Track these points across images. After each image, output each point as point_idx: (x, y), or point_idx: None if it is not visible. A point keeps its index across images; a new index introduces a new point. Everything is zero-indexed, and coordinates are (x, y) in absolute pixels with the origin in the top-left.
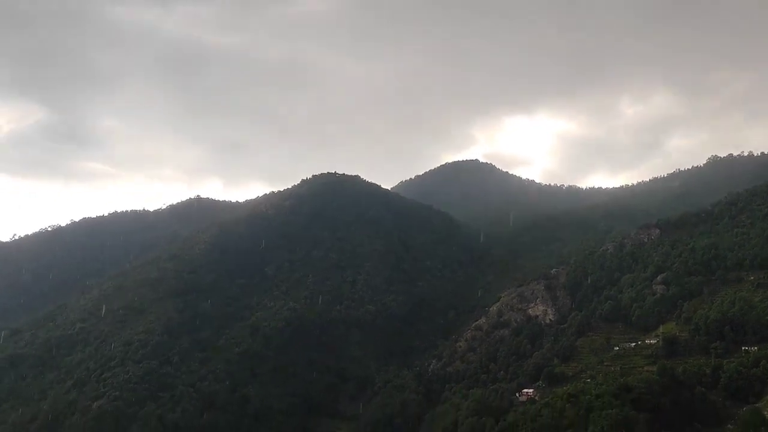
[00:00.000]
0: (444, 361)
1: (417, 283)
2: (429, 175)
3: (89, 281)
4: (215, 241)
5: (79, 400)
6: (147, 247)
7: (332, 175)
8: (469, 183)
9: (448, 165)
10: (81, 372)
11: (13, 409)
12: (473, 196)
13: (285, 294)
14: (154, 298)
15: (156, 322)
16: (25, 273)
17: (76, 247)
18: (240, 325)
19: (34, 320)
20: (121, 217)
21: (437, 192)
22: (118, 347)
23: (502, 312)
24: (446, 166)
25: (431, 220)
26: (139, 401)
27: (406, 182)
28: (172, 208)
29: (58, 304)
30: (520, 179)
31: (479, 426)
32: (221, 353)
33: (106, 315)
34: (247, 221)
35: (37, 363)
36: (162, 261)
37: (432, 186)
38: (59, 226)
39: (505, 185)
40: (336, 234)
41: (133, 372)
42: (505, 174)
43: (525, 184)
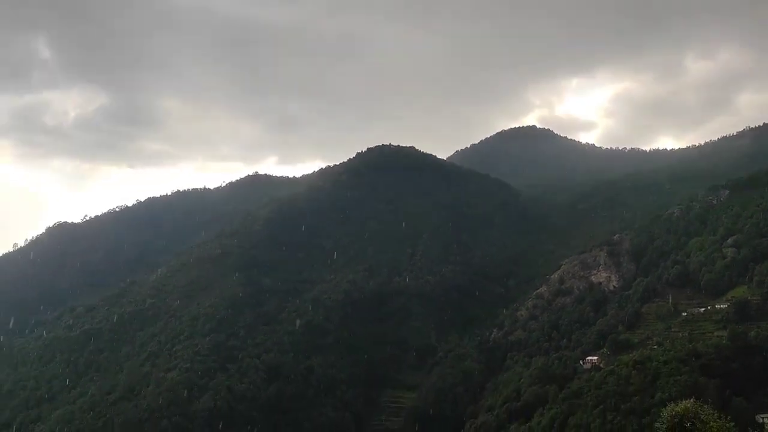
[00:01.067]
0: (505, 329)
1: (475, 253)
2: (485, 143)
3: (156, 259)
4: (274, 217)
5: (152, 372)
6: (209, 225)
7: (387, 147)
8: (527, 150)
9: (504, 132)
10: (153, 345)
11: (92, 381)
12: (531, 163)
13: (344, 267)
14: (218, 273)
15: (221, 297)
16: (96, 252)
17: (142, 226)
18: (301, 299)
19: (108, 297)
20: (183, 196)
21: (494, 160)
22: (187, 321)
23: (563, 280)
24: (502, 133)
25: (488, 189)
26: (208, 372)
27: (462, 151)
28: (231, 185)
29: (128, 281)
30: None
31: (543, 394)
32: (284, 326)
33: (173, 291)
34: (304, 196)
35: (113, 337)
36: (224, 238)
37: (488, 154)
38: (126, 206)
39: (563, 151)
40: (392, 206)
41: (202, 345)
42: (563, 139)
43: (585, 149)
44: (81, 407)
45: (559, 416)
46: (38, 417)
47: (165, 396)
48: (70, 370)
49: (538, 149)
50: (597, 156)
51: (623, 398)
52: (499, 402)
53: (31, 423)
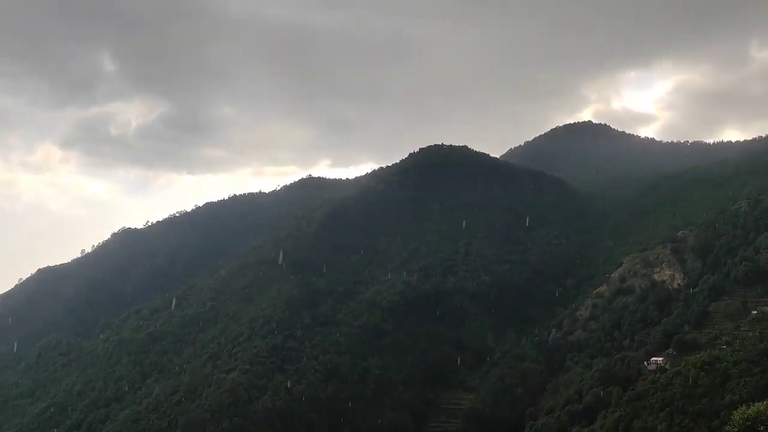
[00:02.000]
0: (564, 330)
1: (531, 252)
2: (539, 140)
3: (216, 262)
4: (327, 219)
5: (213, 373)
6: (264, 228)
7: (439, 147)
8: (582, 146)
9: (558, 129)
10: (214, 347)
11: (157, 382)
12: (587, 159)
13: (398, 268)
14: (274, 276)
15: (278, 299)
16: (159, 256)
17: (201, 230)
18: (356, 300)
19: (170, 300)
20: (239, 200)
21: (548, 157)
22: (245, 323)
23: (624, 278)
24: (557, 129)
25: (543, 187)
26: (267, 373)
27: (515, 149)
28: (286, 189)
29: (189, 284)
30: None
31: (605, 396)
32: (340, 327)
33: (232, 293)
34: (357, 198)
35: (176, 339)
36: (279, 241)
37: (542, 151)
38: (186, 211)
39: (621, 146)
40: (446, 205)
41: (261, 346)
42: (621, 134)
43: (644, 143)
44: (146, 407)
45: (624, 419)
46: (107, 417)
47: (226, 397)
48: (136, 371)
49: (594, 145)
50: (657, 150)
51: (691, 400)
52: (559, 404)
53: (100, 423)
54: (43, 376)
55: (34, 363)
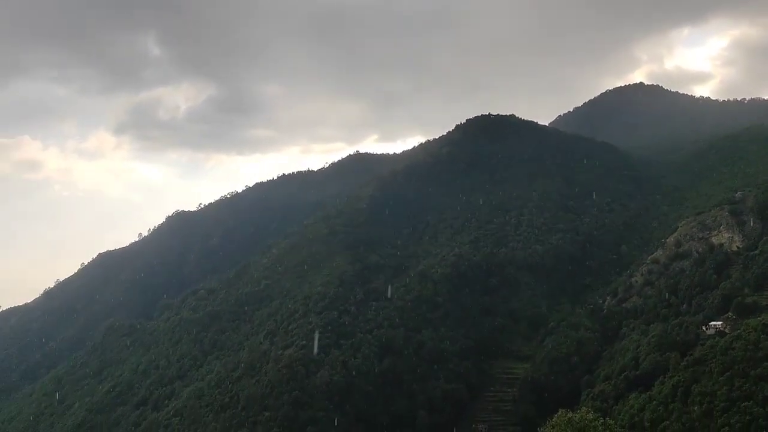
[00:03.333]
0: (619, 297)
1: (584, 220)
2: (589, 105)
3: (268, 241)
4: (377, 194)
5: (271, 350)
6: (314, 206)
7: (487, 117)
8: (634, 109)
9: (609, 92)
10: (270, 324)
11: (217, 359)
12: (640, 122)
13: (449, 240)
14: (327, 253)
15: (331, 276)
16: (213, 238)
17: (252, 210)
18: (408, 274)
19: (226, 280)
20: (288, 179)
21: (599, 122)
22: (300, 300)
23: (680, 242)
24: (607, 93)
25: (594, 153)
26: (323, 349)
27: (565, 116)
28: (334, 166)
29: (243, 264)
30: (693, 98)
31: (663, 362)
32: (393, 301)
33: (285, 271)
34: (405, 172)
35: (233, 318)
36: (330, 218)
37: (593, 117)
38: (236, 192)
39: (675, 107)
40: (495, 176)
41: (316, 323)
42: (674, 94)
43: (698, 103)
44: (209, 384)
45: (682, 384)
46: (171, 393)
47: (284, 372)
48: (196, 350)
49: (646, 108)
50: (713, 110)
51: (752, 364)
52: (616, 371)
53: (166, 399)
54: (108, 356)
55: (100, 344)
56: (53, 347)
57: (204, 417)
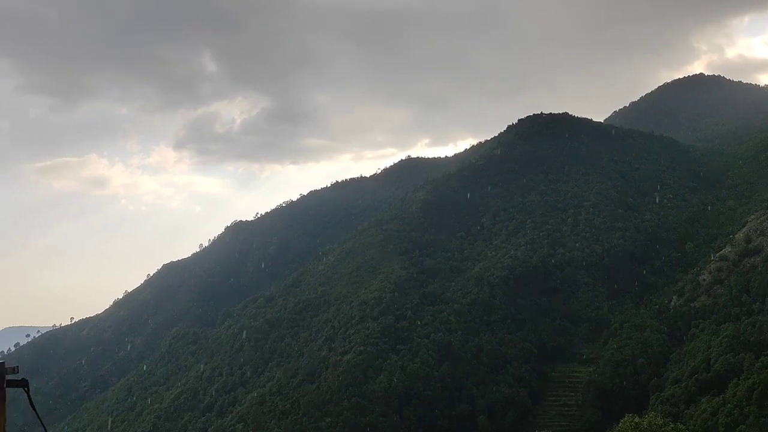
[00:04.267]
0: (686, 296)
1: (645, 217)
2: (646, 99)
3: (323, 248)
4: (430, 198)
5: (330, 356)
6: (368, 212)
7: (539, 116)
8: (694, 101)
9: (667, 85)
10: (328, 330)
11: (278, 366)
12: (700, 114)
13: (505, 242)
14: (382, 258)
15: (386, 281)
16: (270, 246)
17: (307, 218)
18: (464, 277)
19: (284, 287)
20: (341, 186)
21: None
22: (356, 306)
23: (750, 238)
24: (665, 86)
25: (653, 148)
26: (381, 354)
27: (621, 111)
28: (386, 171)
29: (300, 271)
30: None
31: (737, 363)
32: (450, 305)
33: (341, 278)
34: (458, 175)
35: (291, 324)
36: (384, 223)
37: (651, 111)
38: (291, 200)
39: (738, 97)
40: (550, 176)
41: (373, 328)
42: (737, 84)
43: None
44: (270, 390)
45: (758, 386)
46: (235, 399)
47: (343, 378)
48: (257, 357)
49: (707, 99)
50: None
51: None
52: (686, 373)
53: (230, 405)
54: (175, 364)
55: (167, 352)
56: (123, 356)
57: (267, 423)
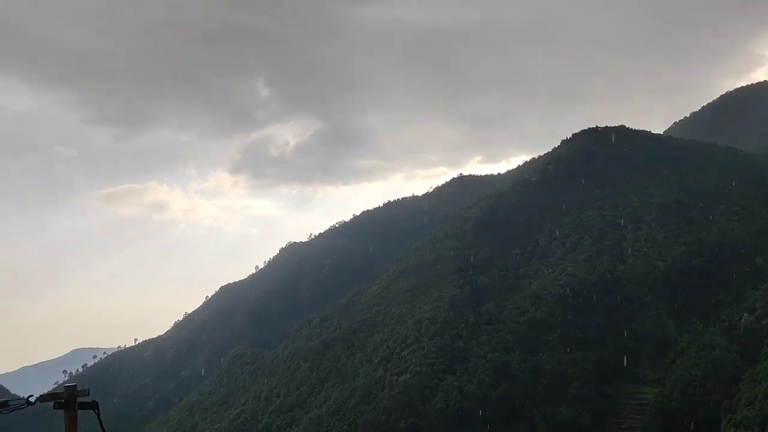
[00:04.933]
0: (758, 313)
1: (709, 230)
2: (707, 109)
3: (376, 268)
4: (483, 216)
5: (385, 376)
6: (421, 231)
7: (594, 130)
8: (758, 109)
9: (729, 93)
10: (383, 351)
11: (334, 386)
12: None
13: (561, 259)
14: (435, 277)
15: (440, 300)
16: (324, 267)
17: (360, 238)
18: (520, 295)
19: (338, 308)
20: (394, 206)
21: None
22: (411, 326)
23: None
24: (727, 95)
25: (716, 159)
26: (437, 374)
27: (681, 122)
28: (438, 190)
29: (354, 291)
30: None
31: None
32: (507, 324)
33: (395, 297)
34: (511, 192)
35: (346, 345)
36: (437, 242)
37: (713, 120)
38: (344, 221)
39: None
40: (607, 190)
41: (428, 348)
42: None
43: None
44: (327, 411)
45: None
46: (292, 420)
47: (399, 399)
48: (314, 377)
49: None
50: None
51: None
52: (760, 394)
53: (287, 426)
54: (233, 384)
55: (225, 373)
56: (185, 376)
57: None
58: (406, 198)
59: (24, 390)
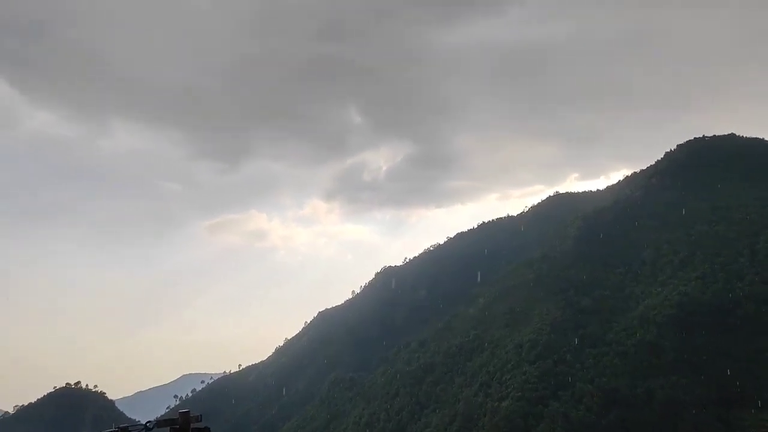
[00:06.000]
0: None
1: None
2: None
3: (473, 291)
4: (582, 235)
5: (486, 402)
6: (517, 251)
7: (700, 139)
8: None
9: None
10: (483, 375)
11: (434, 412)
12: None
13: (671, 278)
14: (534, 299)
15: (541, 323)
16: (419, 290)
17: (455, 261)
18: (628, 317)
19: (435, 331)
20: (488, 227)
21: None
22: (511, 350)
23: None
24: None
25: None
26: (540, 400)
27: None
28: (534, 209)
29: (451, 315)
30: None
31: None
32: (613, 347)
33: (493, 320)
34: (612, 208)
35: (445, 369)
36: (534, 263)
37: None
38: (438, 244)
39: None
40: (718, 204)
41: (530, 372)
42: None
43: None
44: None
45: None
46: None
47: (502, 425)
48: (413, 402)
49: None
50: None
51: None
52: None
53: None
54: (334, 409)
55: (326, 398)
56: (286, 401)
57: None
58: (501, 218)
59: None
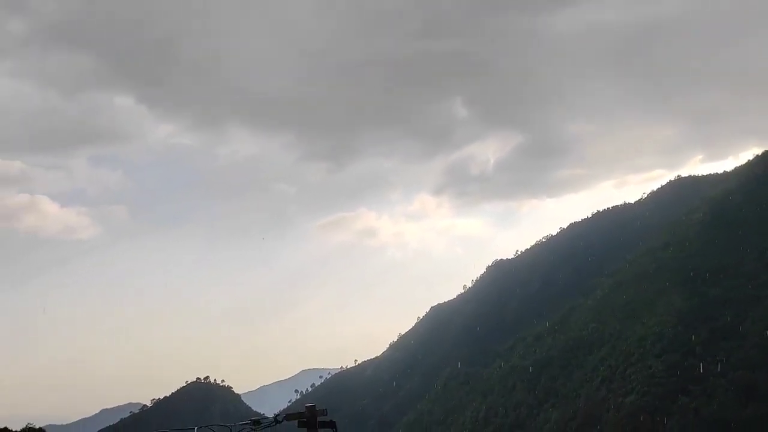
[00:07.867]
0: None
1: None
2: None
3: (589, 282)
4: (709, 219)
5: (610, 397)
6: (636, 240)
7: None
8: None
9: None
10: (604, 370)
11: (553, 407)
12: None
13: None
14: (657, 289)
15: (666, 314)
16: (533, 283)
17: (569, 252)
18: (764, 306)
19: (550, 325)
20: (603, 215)
21: None
22: (634, 342)
23: None
24: None
25: None
26: (668, 395)
27: None
28: (653, 195)
29: (567, 307)
30: None
31: None
32: (749, 339)
33: (613, 312)
34: (742, 190)
35: (563, 364)
36: (656, 250)
37: None
38: (551, 235)
39: None
40: None
41: (656, 366)
42: None
43: None
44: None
45: None
46: None
47: (626, 422)
48: (531, 397)
49: None
50: None
51: None
52: None
53: None
54: (450, 404)
55: (441, 392)
56: (402, 396)
57: None
58: (617, 206)
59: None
